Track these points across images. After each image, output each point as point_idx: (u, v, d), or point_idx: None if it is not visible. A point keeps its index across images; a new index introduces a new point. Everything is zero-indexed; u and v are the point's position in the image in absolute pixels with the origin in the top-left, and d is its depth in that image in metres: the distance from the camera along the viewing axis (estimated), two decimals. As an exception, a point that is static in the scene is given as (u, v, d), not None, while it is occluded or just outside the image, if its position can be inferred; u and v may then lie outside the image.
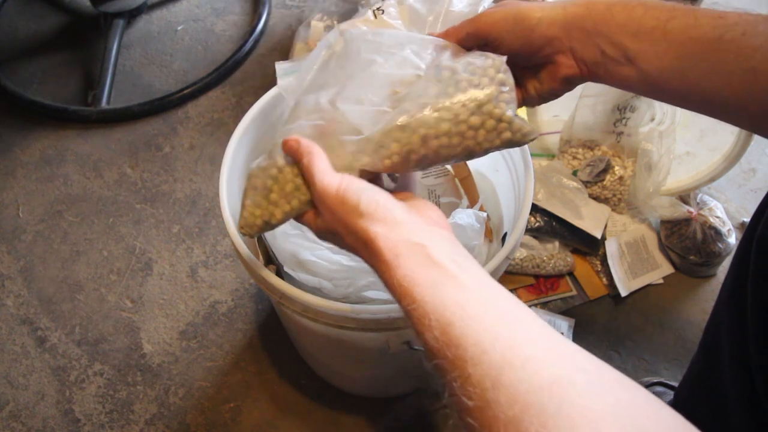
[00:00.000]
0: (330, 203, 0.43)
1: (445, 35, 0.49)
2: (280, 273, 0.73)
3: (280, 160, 0.48)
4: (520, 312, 0.35)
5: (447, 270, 0.37)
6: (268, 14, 1.41)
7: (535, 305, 0.97)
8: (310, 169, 0.45)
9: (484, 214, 0.71)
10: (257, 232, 0.51)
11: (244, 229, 0.51)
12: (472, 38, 0.48)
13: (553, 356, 0.31)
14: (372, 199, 0.42)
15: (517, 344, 0.32)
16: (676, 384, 0.83)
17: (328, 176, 0.44)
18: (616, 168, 1.01)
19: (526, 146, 0.70)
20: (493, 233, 0.85)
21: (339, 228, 0.43)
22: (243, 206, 0.51)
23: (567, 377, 0.30)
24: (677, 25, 0.42)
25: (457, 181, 0.81)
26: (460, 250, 0.40)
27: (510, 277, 0.99)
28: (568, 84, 0.48)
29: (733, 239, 0.97)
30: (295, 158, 0.47)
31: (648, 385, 0.86)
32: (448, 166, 0.80)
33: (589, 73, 0.46)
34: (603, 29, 0.44)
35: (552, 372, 0.30)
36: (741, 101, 0.41)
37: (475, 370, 0.31)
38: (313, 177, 0.45)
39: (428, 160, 0.47)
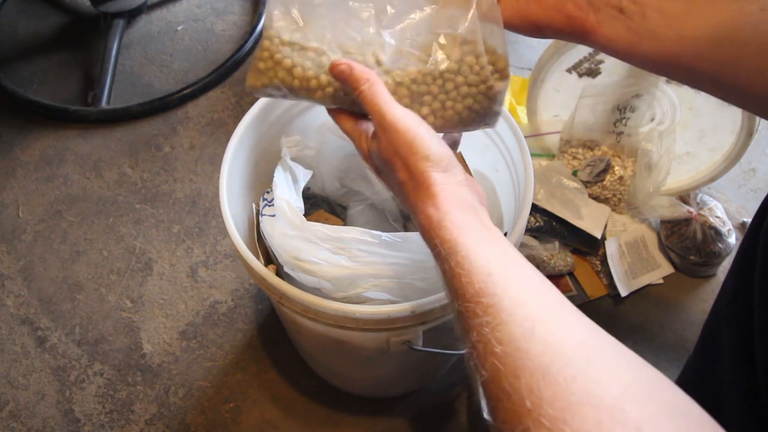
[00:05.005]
0: (399, 138, 0.43)
1: None
2: (280, 273, 0.73)
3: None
4: (551, 286, 0.37)
5: (493, 233, 0.39)
6: (268, 14, 1.40)
7: (535, 305, 0.97)
8: (374, 97, 0.45)
9: (484, 215, 0.71)
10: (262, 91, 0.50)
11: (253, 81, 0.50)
12: None
13: (583, 324, 0.33)
14: (441, 149, 0.43)
15: (550, 307, 0.34)
16: (676, 384, 0.83)
17: (398, 109, 0.44)
18: (616, 168, 1.01)
19: (525, 146, 0.70)
20: (493, 233, 0.85)
21: (397, 161, 0.44)
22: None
23: (596, 343, 0.32)
24: None
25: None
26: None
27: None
28: (560, 28, 0.47)
29: (733, 239, 0.97)
30: (347, 83, 0.46)
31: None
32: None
33: (595, 27, 0.45)
34: None
35: (582, 336, 0.32)
36: (753, 77, 0.41)
37: (510, 319, 0.33)
38: (380, 106, 0.44)
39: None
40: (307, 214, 0.81)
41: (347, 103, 0.49)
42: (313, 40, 0.49)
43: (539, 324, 0.32)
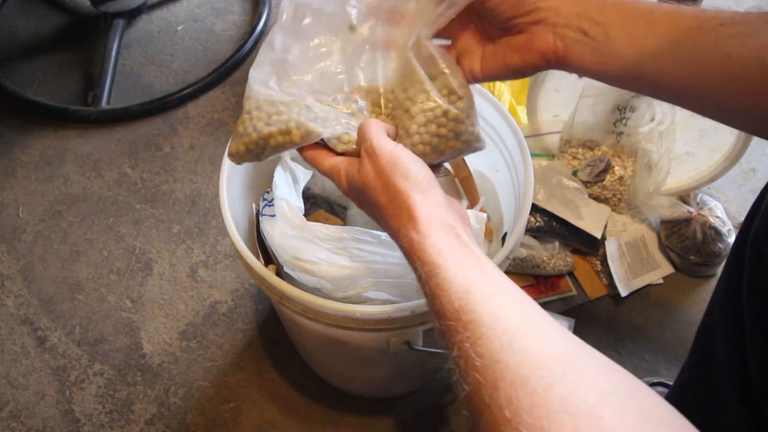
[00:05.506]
0: (380, 161, 0.45)
1: None
2: (280, 273, 0.73)
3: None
4: (530, 300, 0.37)
5: (472, 251, 0.40)
6: (268, 14, 1.41)
7: (535, 305, 0.97)
8: (367, 126, 0.47)
9: (484, 215, 0.71)
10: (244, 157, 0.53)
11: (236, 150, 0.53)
12: None
13: (562, 337, 0.34)
14: (421, 171, 0.45)
15: (528, 320, 0.34)
16: (676, 384, 0.83)
17: (384, 138, 0.46)
18: (616, 168, 1.01)
19: (525, 146, 0.70)
20: (493, 233, 0.85)
21: (378, 184, 0.45)
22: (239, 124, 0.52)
23: (574, 353, 0.32)
24: (662, 14, 0.43)
25: (457, 181, 0.81)
26: (478, 245, 0.43)
27: (510, 277, 0.98)
28: (536, 64, 0.48)
29: (732, 239, 0.97)
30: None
31: (648, 386, 0.86)
32: (448, 165, 0.80)
33: (565, 53, 0.46)
34: (593, 12, 0.45)
35: (561, 347, 0.32)
36: (715, 90, 0.42)
37: (489, 333, 0.33)
38: (370, 133, 0.46)
39: None
40: (307, 214, 0.81)
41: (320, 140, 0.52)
42: (290, 96, 0.52)
43: (518, 336, 0.32)
